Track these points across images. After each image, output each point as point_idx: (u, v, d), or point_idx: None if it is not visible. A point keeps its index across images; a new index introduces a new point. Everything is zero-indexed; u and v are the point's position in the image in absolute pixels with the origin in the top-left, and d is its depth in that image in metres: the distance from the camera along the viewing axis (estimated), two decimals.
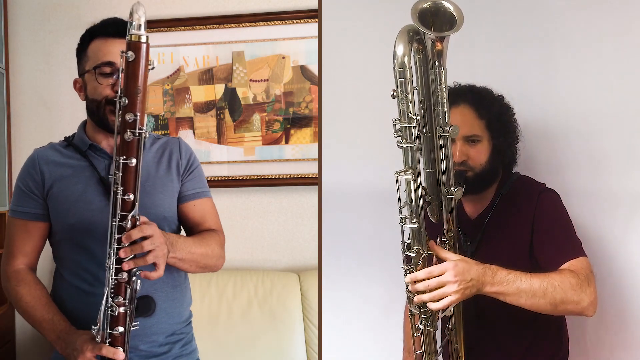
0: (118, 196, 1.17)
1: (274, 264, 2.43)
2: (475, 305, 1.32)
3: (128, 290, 1.20)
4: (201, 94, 2.40)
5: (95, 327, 1.21)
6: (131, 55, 1.13)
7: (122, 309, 1.20)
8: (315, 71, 2.33)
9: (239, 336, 2.18)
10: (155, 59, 1.16)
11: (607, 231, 1.49)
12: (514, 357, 1.39)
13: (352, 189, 1.71)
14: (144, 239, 1.20)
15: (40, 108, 2.46)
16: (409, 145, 1.13)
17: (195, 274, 1.48)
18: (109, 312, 1.20)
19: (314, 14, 2.31)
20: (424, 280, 1.15)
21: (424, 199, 1.20)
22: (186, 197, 1.50)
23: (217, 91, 2.40)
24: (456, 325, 1.35)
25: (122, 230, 1.18)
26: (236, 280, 2.26)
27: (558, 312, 1.21)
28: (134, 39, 1.13)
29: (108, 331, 1.21)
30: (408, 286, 1.19)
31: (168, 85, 2.41)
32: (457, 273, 1.13)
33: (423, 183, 1.21)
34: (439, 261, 1.20)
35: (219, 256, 1.49)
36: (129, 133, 1.15)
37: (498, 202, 1.39)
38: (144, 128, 1.17)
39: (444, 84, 1.13)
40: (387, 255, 1.40)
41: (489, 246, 1.38)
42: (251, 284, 2.25)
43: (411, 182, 1.15)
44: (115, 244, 1.18)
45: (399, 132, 1.13)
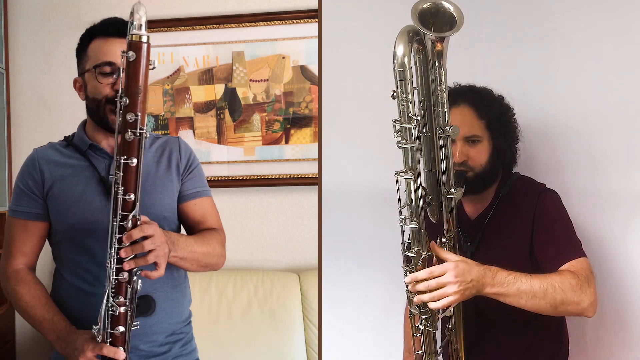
0: (119, 196, 1.17)
1: (274, 264, 2.42)
2: (475, 305, 1.32)
3: (129, 290, 1.20)
4: (201, 94, 2.40)
5: (96, 326, 1.21)
6: (132, 55, 1.13)
7: (123, 309, 1.20)
8: (315, 71, 2.33)
9: (238, 336, 2.18)
10: (155, 59, 1.16)
11: (607, 231, 1.49)
12: (514, 357, 1.39)
13: (352, 189, 1.71)
14: (145, 238, 1.21)
15: (40, 108, 2.46)
16: (409, 145, 1.13)
17: (195, 273, 1.48)
18: (110, 312, 1.20)
19: (314, 14, 2.31)
20: (424, 280, 1.15)
21: (424, 199, 1.20)
22: (186, 197, 1.50)
23: (217, 91, 2.40)
24: (456, 326, 1.35)
25: (122, 230, 1.18)
26: (236, 280, 2.26)
27: (558, 313, 1.21)
28: (134, 38, 1.13)
29: (109, 331, 1.21)
30: (408, 286, 1.19)
31: (168, 85, 2.41)
32: (458, 274, 1.13)
33: (423, 183, 1.21)
34: (439, 262, 1.20)
35: (219, 255, 1.49)
36: (129, 133, 1.15)
37: (498, 203, 1.39)
38: (144, 128, 1.17)
39: (444, 84, 1.13)
40: (387, 255, 1.40)
41: (489, 246, 1.38)
42: (251, 284, 2.25)
43: (411, 183, 1.15)
44: (116, 243, 1.18)
45: (399, 132, 1.13)
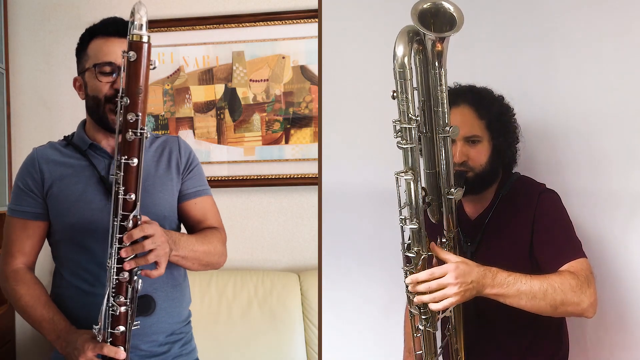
0: (119, 196, 1.17)
1: (274, 264, 2.42)
2: (476, 306, 1.32)
3: (129, 289, 1.20)
4: (201, 94, 2.40)
5: (97, 326, 1.21)
6: (133, 55, 1.13)
7: (123, 309, 1.20)
8: (315, 71, 2.33)
9: (238, 336, 2.18)
10: (155, 59, 1.16)
11: (607, 231, 1.49)
12: (514, 357, 1.39)
13: (352, 189, 1.71)
14: (145, 238, 1.20)
15: (40, 108, 2.46)
16: (409, 146, 1.13)
17: (195, 273, 1.48)
18: (110, 312, 1.20)
19: (314, 14, 2.31)
20: (425, 281, 1.15)
21: (424, 199, 1.20)
22: (187, 196, 1.50)
23: (217, 91, 2.40)
24: (456, 326, 1.35)
25: (123, 230, 1.18)
26: (236, 280, 2.26)
27: (558, 313, 1.21)
28: (135, 38, 1.13)
29: (109, 330, 1.21)
30: (408, 287, 1.19)
31: (168, 85, 2.41)
32: (458, 275, 1.13)
33: (423, 184, 1.21)
34: (439, 262, 1.20)
35: (221, 253, 1.49)
36: (130, 133, 1.15)
37: (498, 203, 1.39)
38: (145, 128, 1.17)
39: (444, 84, 1.13)
40: (387, 255, 1.40)
41: (489, 247, 1.38)
42: (251, 284, 2.25)
43: (411, 183, 1.14)
44: (117, 243, 1.18)
45: (399, 132, 1.13)
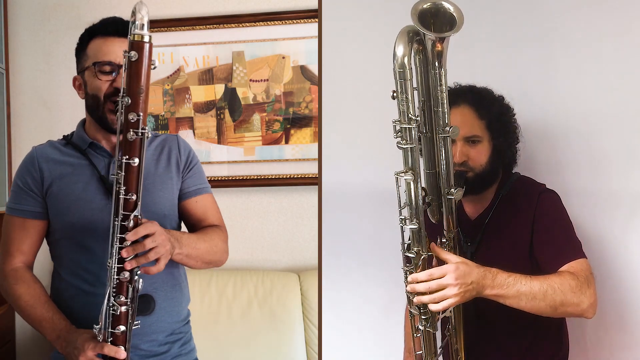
0: (120, 196, 1.17)
1: (274, 264, 2.42)
2: (475, 307, 1.32)
3: (130, 289, 1.20)
4: (201, 94, 2.40)
5: (97, 326, 1.21)
6: (134, 55, 1.13)
7: (124, 308, 1.20)
8: (315, 71, 2.33)
9: (238, 336, 2.18)
10: (155, 59, 1.15)
11: (607, 231, 1.49)
12: (514, 358, 1.39)
13: (352, 189, 1.71)
14: (146, 237, 1.20)
15: (40, 108, 2.46)
16: (409, 146, 1.13)
17: (194, 273, 1.48)
18: (111, 312, 1.20)
19: (314, 14, 2.31)
20: (424, 282, 1.15)
21: (424, 199, 1.20)
22: (188, 194, 1.50)
23: (217, 91, 2.40)
24: (456, 326, 1.35)
25: (124, 229, 1.18)
26: (236, 280, 2.26)
27: (558, 314, 1.21)
28: (136, 38, 1.13)
29: (110, 330, 1.21)
30: (407, 287, 1.19)
31: (168, 85, 2.41)
32: (458, 276, 1.13)
33: (423, 184, 1.21)
34: (439, 262, 1.20)
35: (223, 251, 1.49)
36: (131, 133, 1.15)
37: (498, 203, 1.39)
38: (146, 128, 1.16)
39: (444, 84, 1.13)
40: (387, 255, 1.40)
41: (488, 247, 1.38)
42: (251, 284, 2.25)
43: (411, 183, 1.14)
44: (117, 243, 1.18)
45: (399, 133, 1.13)
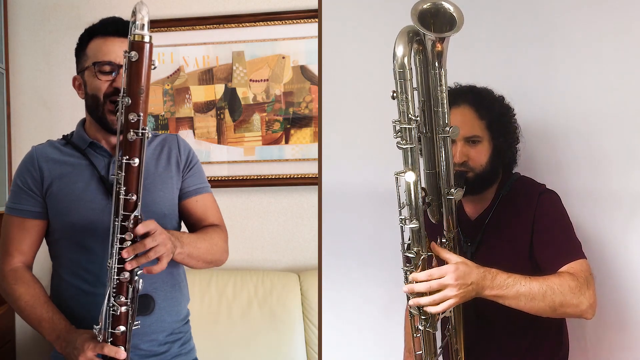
0: (120, 196, 1.17)
1: (274, 264, 2.42)
2: (475, 306, 1.32)
3: (130, 289, 1.20)
4: (201, 94, 2.40)
5: (97, 326, 1.21)
6: (134, 55, 1.12)
7: (124, 309, 1.19)
8: (315, 71, 2.33)
9: (238, 336, 2.18)
10: (155, 59, 1.15)
11: (607, 231, 1.49)
12: (514, 358, 1.39)
13: (352, 189, 1.71)
14: (145, 236, 1.20)
15: (40, 108, 2.46)
16: (409, 146, 1.13)
17: (194, 273, 1.48)
18: (111, 312, 1.19)
19: (314, 14, 2.31)
20: (424, 282, 1.15)
21: (424, 200, 1.20)
22: (188, 194, 1.50)
23: (217, 91, 2.40)
24: (456, 326, 1.35)
25: (124, 230, 1.18)
26: (236, 280, 2.26)
27: (557, 315, 1.21)
28: (137, 38, 1.12)
29: (110, 330, 1.20)
30: (405, 288, 1.19)
31: (168, 85, 2.41)
32: (458, 276, 1.13)
33: (423, 184, 1.21)
34: (439, 262, 1.20)
35: (223, 250, 1.49)
36: (132, 133, 1.15)
37: (498, 203, 1.39)
38: (147, 128, 1.16)
39: (444, 84, 1.13)
40: (387, 255, 1.40)
41: (488, 247, 1.38)
42: (251, 284, 2.25)
43: (411, 183, 1.14)
44: (118, 243, 1.18)
45: (399, 133, 1.13)
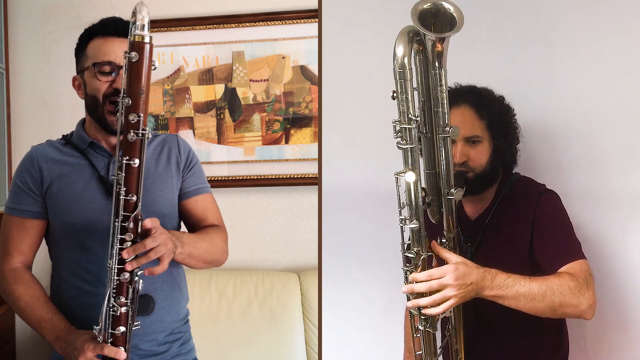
0: (121, 197, 1.16)
1: (274, 264, 2.42)
2: (475, 306, 1.32)
3: (130, 290, 1.20)
4: (201, 94, 2.40)
5: (97, 327, 1.21)
6: (134, 55, 1.12)
7: (124, 309, 1.19)
8: (315, 71, 2.33)
9: (238, 336, 2.18)
10: (155, 59, 1.15)
11: (607, 231, 1.49)
12: (514, 358, 1.39)
13: (352, 189, 1.71)
14: (146, 237, 1.20)
15: (40, 108, 2.46)
16: (409, 146, 1.13)
17: (194, 273, 1.48)
18: (111, 312, 1.19)
19: (314, 14, 2.31)
20: (424, 282, 1.15)
21: (424, 200, 1.20)
22: (188, 194, 1.50)
23: (217, 91, 2.40)
24: (456, 326, 1.35)
25: (124, 230, 1.17)
26: (236, 280, 2.26)
27: (557, 315, 1.21)
28: (137, 39, 1.12)
29: (110, 331, 1.20)
30: (404, 288, 1.19)
31: (168, 85, 2.41)
32: (458, 276, 1.13)
33: (423, 184, 1.21)
34: (439, 262, 1.20)
35: (223, 250, 1.49)
36: (132, 133, 1.14)
37: (498, 203, 1.39)
38: (147, 129, 1.16)
39: (444, 84, 1.13)
40: (387, 255, 1.40)
41: (488, 247, 1.38)
42: (251, 284, 2.25)
43: (411, 183, 1.14)
44: (118, 244, 1.17)
45: (399, 133, 1.13)
